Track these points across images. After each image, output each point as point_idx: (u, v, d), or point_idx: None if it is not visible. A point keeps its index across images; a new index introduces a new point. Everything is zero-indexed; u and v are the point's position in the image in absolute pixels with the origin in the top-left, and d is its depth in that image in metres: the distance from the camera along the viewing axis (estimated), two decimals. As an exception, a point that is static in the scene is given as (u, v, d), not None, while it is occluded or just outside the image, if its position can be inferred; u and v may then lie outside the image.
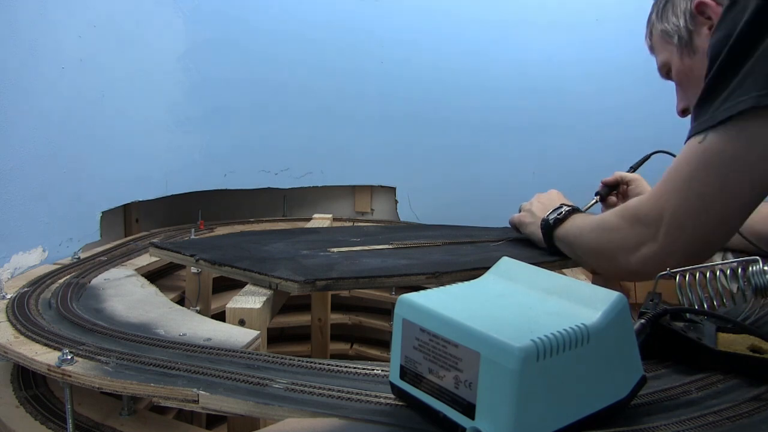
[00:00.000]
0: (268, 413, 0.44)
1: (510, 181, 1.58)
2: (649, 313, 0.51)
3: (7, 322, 0.69)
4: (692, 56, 0.76)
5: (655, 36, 0.84)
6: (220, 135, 1.46)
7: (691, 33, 0.76)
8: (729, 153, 0.57)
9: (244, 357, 0.54)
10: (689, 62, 0.77)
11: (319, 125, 1.55)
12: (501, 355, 0.34)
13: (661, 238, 0.62)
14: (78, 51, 1.09)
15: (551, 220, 0.87)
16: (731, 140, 0.57)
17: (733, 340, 0.52)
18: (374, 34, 1.54)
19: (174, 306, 0.78)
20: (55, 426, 0.61)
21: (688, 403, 0.43)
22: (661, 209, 0.62)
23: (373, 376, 0.49)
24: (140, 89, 1.27)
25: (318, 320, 1.33)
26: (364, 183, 1.62)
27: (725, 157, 0.57)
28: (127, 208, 1.32)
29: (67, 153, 1.07)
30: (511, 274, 0.46)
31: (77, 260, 1.01)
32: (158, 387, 0.49)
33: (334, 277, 0.76)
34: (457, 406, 0.36)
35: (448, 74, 1.56)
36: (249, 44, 1.46)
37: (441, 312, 0.38)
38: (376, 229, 1.20)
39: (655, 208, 0.63)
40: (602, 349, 0.38)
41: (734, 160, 0.57)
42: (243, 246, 0.95)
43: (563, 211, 0.87)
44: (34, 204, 0.98)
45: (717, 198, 0.58)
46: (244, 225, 1.42)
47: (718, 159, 0.57)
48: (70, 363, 0.55)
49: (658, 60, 0.85)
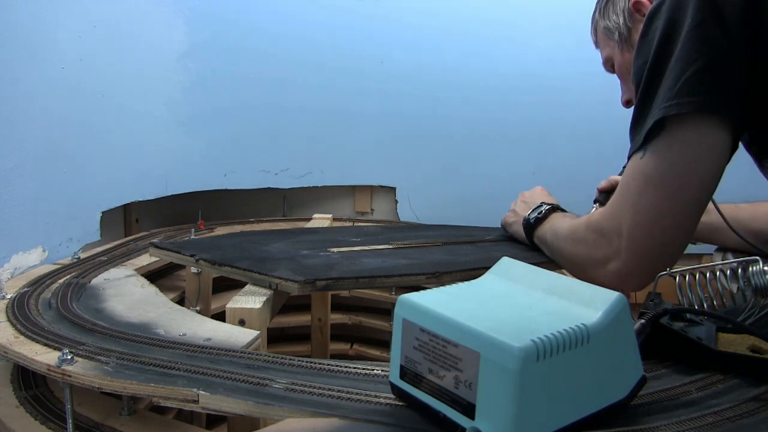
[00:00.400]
0: (268, 413, 0.44)
1: (510, 181, 1.58)
2: (649, 313, 0.51)
3: (7, 322, 0.69)
4: (631, 51, 0.79)
5: (599, 32, 0.89)
6: (220, 135, 1.46)
7: (630, 29, 0.81)
8: (666, 163, 0.61)
9: (244, 357, 0.54)
10: (629, 57, 0.81)
11: (319, 125, 1.55)
12: (501, 355, 0.34)
13: (623, 254, 0.65)
14: (78, 51, 1.09)
15: (532, 219, 0.89)
16: (662, 152, 0.61)
17: (733, 340, 0.52)
18: (374, 34, 1.54)
19: (174, 306, 0.78)
20: (55, 426, 0.61)
21: (688, 403, 0.43)
22: (619, 225, 0.65)
23: (373, 376, 0.49)
24: (140, 89, 1.27)
25: (318, 320, 1.33)
26: (364, 183, 1.62)
27: (663, 168, 0.61)
28: (127, 208, 1.32)
29: (67, 153, 1.07)
30: (511, 274, 0.46)
31: (77, 260, 1.01)
32: (158, 387, 0.49)
33: (334, 277, 0.76)
34: (457, 406, 0.36)
35: (448, 74, 1.56)
36: (249, 44, 1.46)
37: (441, 312, 0.38)
38: (376, 229, 1.20)
39: (613, 224, 0.66)
40: (602, 349, 0.38)
41: (670, 169, 0.61)
42: (243, 246, 0.95)
43: (543, 210, 0.88)
44: (34, 204, 0.98)
45: (665, 206, 0.62)
46: (244, 225, 1.42)
47: (658, 170, 0.62)
48: (70, 363, 0.55)
49: (603, 54, 0.90)
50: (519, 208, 0.97)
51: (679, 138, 0.60)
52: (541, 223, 0.87)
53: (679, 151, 0.61)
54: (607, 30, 0.86)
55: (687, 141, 0.60)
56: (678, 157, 0.61)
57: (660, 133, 0.61)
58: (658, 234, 0.62)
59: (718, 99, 0.58)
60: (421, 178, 1.61)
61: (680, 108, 0.59)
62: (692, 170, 0.61)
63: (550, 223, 0.86)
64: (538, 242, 0.89)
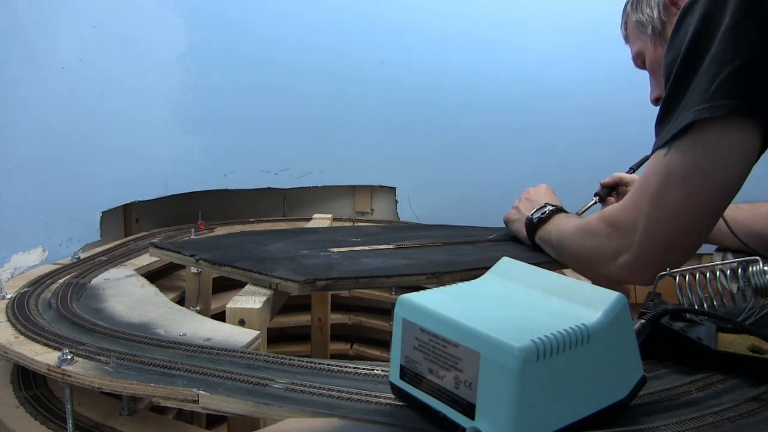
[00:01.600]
0: (268, 413, 0.44)
1: (510, 181, 1.58)
2: (649, 313, 0.51)
3: (7, 322, 0.69)
4: (664, 45, 0.76)
5: (630, 26, 0.86)
6: (220, 135, 1.46)
7: (664, 23, 0.79)
8: (689, 163, 0.61)
9: (244, 357, 0.54)
10: (662, 52, 0.78)
11: (319, 125, 1.55)
12: (501, 355, 0.34)
13: (636, 247, 0.65)
14: (78, 51, 1.09)
15: (535, 219, 0.89)
16: (688, 151, 0.61)
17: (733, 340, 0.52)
18: (374, 34, 1.54)
19: (174, 306, 0.78)
20: (55, 426, 0.61)
21: (688, 403, 0.43)
22: (635, 219, 0.65)
23: (373, 376, 0.49)
24: (140, 89, 1.27)
25: (318, 320, 1.33)
26: (364, 183, 1.62)
27: (686, 168, 0.61)
28: (127, 208, 1.32)
29: (67, 153, 1.07)
30: (511, 274, 0.46)
31: (77, 260, 1.01)
32: (158, 387, 0.49)
33: (334, 277, 0.76)
34: (457, 406, 0.36)
35: (448, 74, 1.56)
36: (249, 44, 1.46)
37: (441, 312, 0.38)
38: (376, 229, 1.20)
39: (630, 217, 0.66)
40: (602, 349, 0.38)
41: (695, 169, 0.61)
42: (243, 246, 0.95)
43: (547, 210, 0.88)
44: (34, 204, 0.98)
45: (684, 206, 0.61)
46: (244, 225, 1.42)
47: (680, 170, 0.61)
48: (70, 363, 0.55)
49: (633, 49, 0.88)
50: (523, 207, 0.97)
51: (707, 139, 0.59)
52: (544, 224, 0.87)
53: (707, 152, 0.60)
54: (639, 24, 0.83)
55: (715, 143, 0.59)
56: (704, 158, 0.60)
57: (688, 131, 0.60)
58: (674, 231, 0.62)
59: (752, 102, 0.57)
60: (421, 178, 1.61)
61: (713, 111, 0.58)
62: (717, 172, 0.60)
63: (555, 223, 0.86)
64: (540, 242, 0.88)
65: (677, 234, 0.63)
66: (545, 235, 0.86)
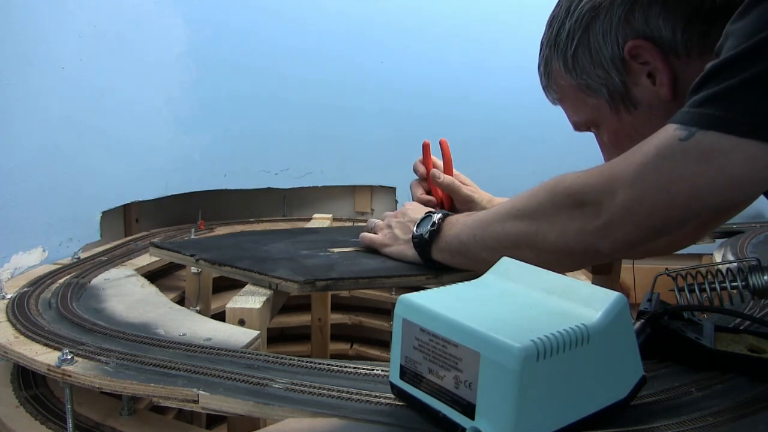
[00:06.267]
0: (268, 413, 0.44)
1: (510, 181, 1.58)
2: (649, 313, 0.51)
3: (7, 322, 0.69)
4: (633, 111, 0.63)
5: (566, 89, 0.70)
6: (220, 135, 1.46)
7: (626, 85, 0.62)
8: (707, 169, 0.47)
9: (244, 357, 0.54)
10: (630, 119, 0.64)
11: (319, 125, 1.55)
12: (501, 355, 0.34)
13: (605, 217, 0.53)
14: (78, 51, 1.09)
15: (426, 234, 0.76)
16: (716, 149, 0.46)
17: (731, 340, 0.52)
18: (374, 34, 1.54)
19: (174, 306, 0.78)
20: (55, 426, 0.61)
21: (688, 403, 0.43)
22: (612, 192, 0.53)
23: (373, 376, 0.49)
24: (140, 89, 1.27)
25: (318, 320, 1.33)
26: (364, 183, 1.62)
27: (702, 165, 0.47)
28: (127, 208, 1.32)
29: (67, 153, 1.07)
30: (511, 274, 0.46)
31: (77, 260, 1.01)
32: (158, 387, 0.49)
33: (334, 278, 0.76)
34: (457, 406, 0.36)
35: (448, 74, 1.56)
36: (249, 44, 1.46)
37: (441, 312, 0.38)
38: (376, 229, 1.20)
39: (606, 189, 0.54)
40: (602, 349, 0.38)
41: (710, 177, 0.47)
42: (243, 246, 0.95)
43: (435, 220, 0.76)
44: (34, 204, 0.98)
45: (683, 195, 0.49)
46: (244, 225, 1.42)
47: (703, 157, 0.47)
48: (70, 363, 0.55)
49: (577, 117, 0.73)
50: (399, 230, 0.85)
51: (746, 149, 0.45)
52: (439, 234, 0.75)
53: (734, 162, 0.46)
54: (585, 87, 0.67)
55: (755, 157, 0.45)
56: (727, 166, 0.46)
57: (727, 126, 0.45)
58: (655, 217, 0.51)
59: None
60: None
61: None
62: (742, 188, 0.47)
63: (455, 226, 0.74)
64: (440, 253, 0.76)
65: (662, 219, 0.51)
66: (447, 243, 0.74)
